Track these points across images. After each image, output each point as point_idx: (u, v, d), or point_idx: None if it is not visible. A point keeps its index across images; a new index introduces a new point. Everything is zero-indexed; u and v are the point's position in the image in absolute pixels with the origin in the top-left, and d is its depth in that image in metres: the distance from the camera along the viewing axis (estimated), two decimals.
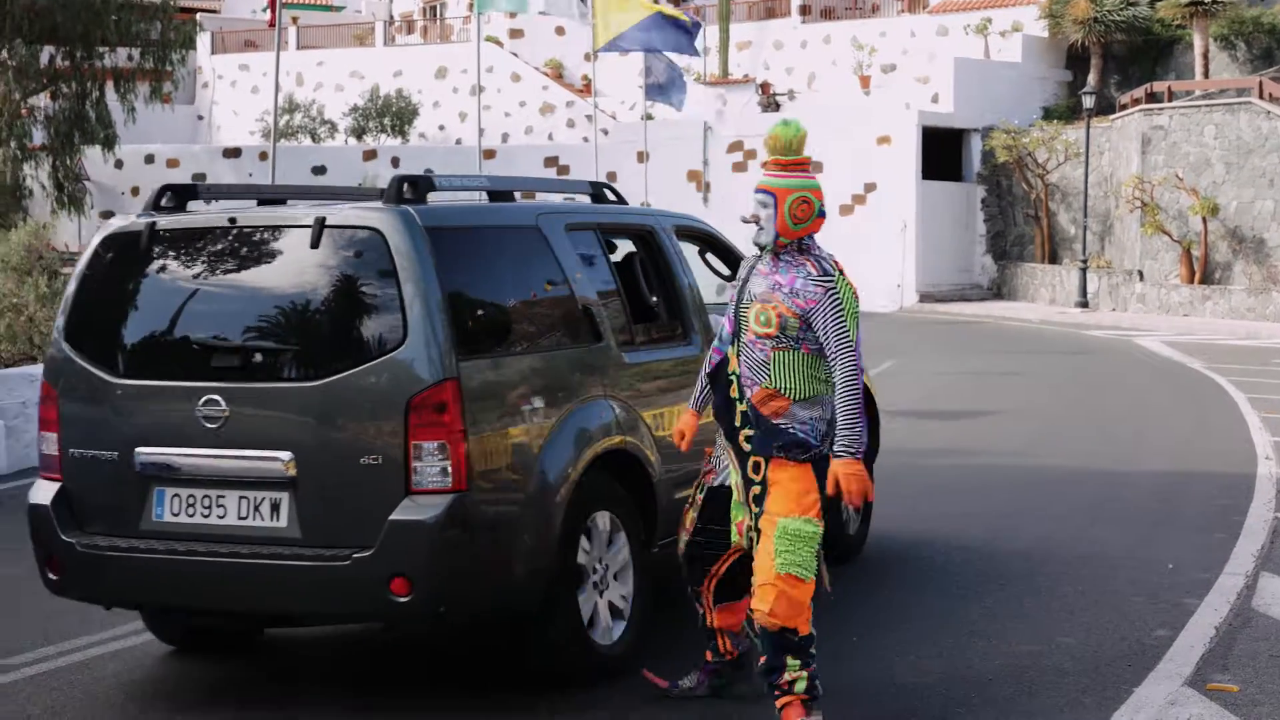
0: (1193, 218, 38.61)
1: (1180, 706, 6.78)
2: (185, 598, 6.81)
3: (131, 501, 6.85)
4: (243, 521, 6.67)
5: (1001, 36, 48.97)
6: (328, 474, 6.53)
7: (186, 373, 6.81)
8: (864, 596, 9.00)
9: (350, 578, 6.40)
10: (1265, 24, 46.27)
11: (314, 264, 6.70)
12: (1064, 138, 43.99)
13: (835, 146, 45.72)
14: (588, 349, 7.48)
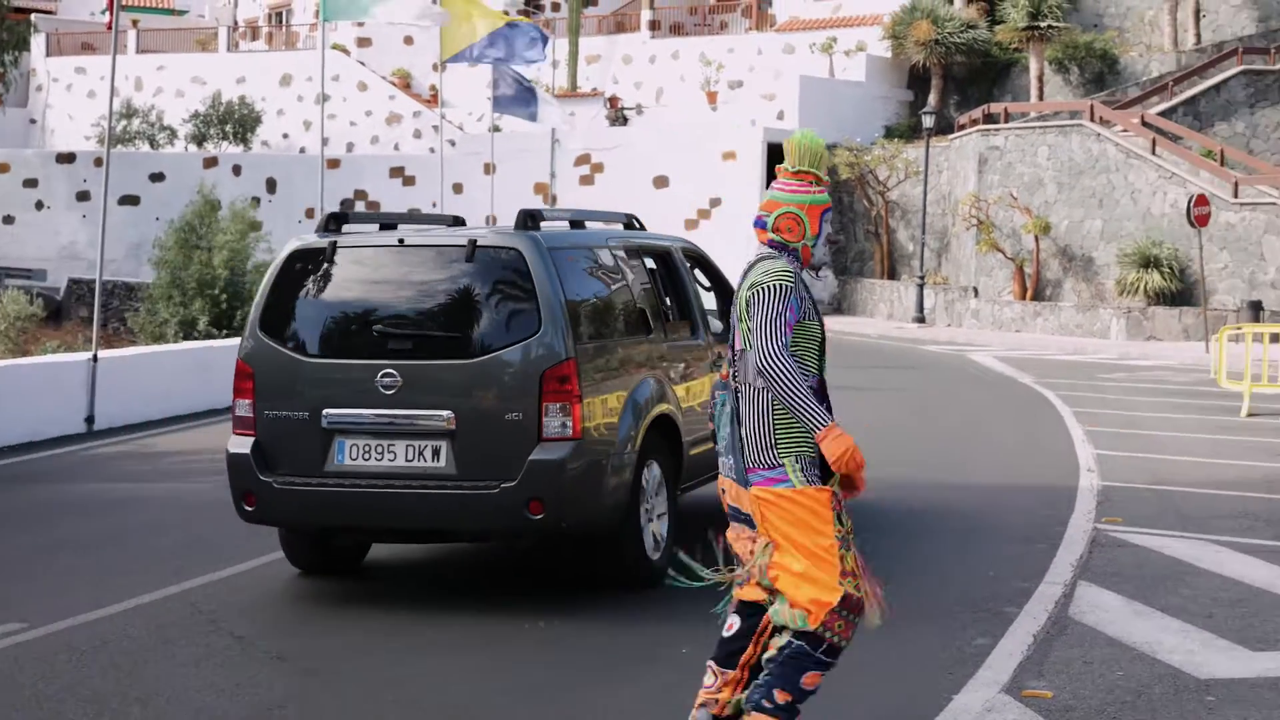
0: (1026, 236, 39.50)
1: (996, 713, 6.98)
2: (361, 520, 9.10)
3: (317, 450, 9.01)
4: (409, 463, 8.86)
5: (846, 56, 49.70)
6: (479, 427, 8.76)
7: (367, 353, 9.01)
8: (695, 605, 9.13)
9: (498, 502, 8.67)
10: (1097, 49, 47.51)
11: (467, 273, 9.00)
12: (904, 156, 44.77)
13: (682, 161, 46.11)
14: (644, 338, 9.90)
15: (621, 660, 8.06)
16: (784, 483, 5.94)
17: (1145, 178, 37.76)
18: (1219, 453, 16.11)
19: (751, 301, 6.01)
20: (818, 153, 6.26)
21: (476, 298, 9.01)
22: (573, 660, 7.99)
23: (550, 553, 10.68)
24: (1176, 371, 27.34)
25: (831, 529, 5.92)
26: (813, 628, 5.89)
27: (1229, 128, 42.29)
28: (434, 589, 9.81)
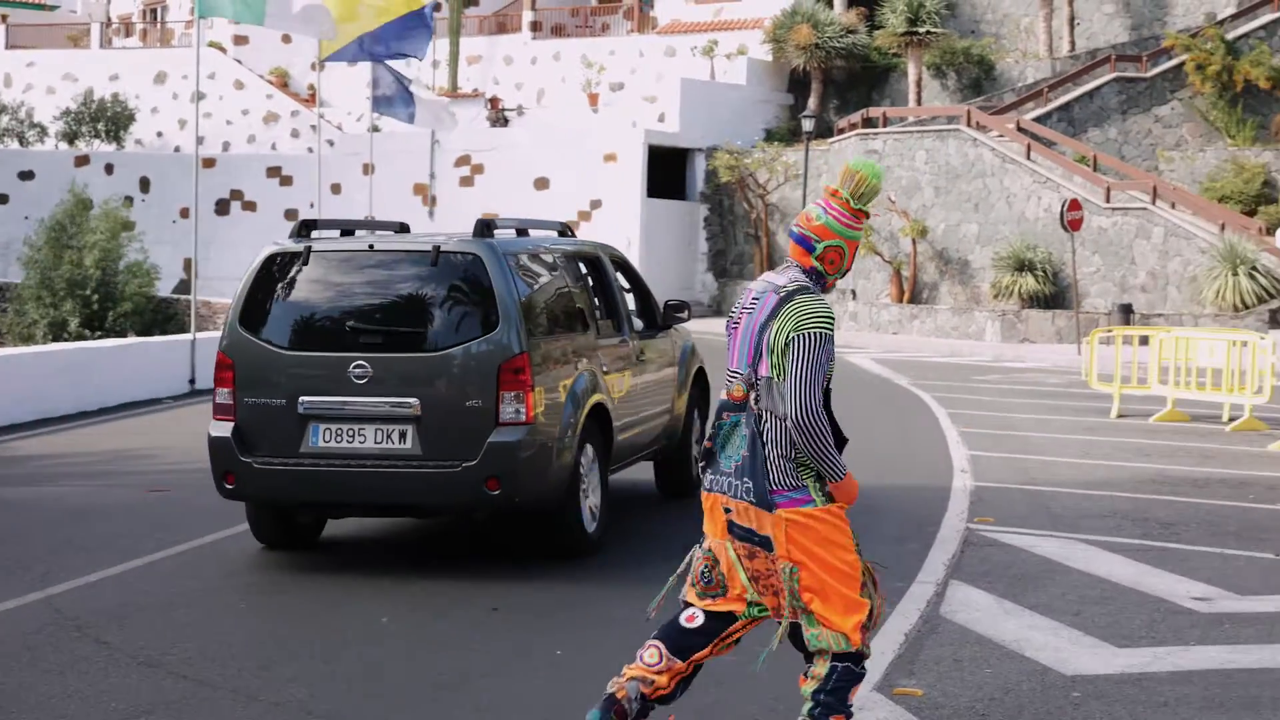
0: (903, 239, 39.93)
1: (868, 711, 7.02)
2: (333, 496, 10.00)
3: (293, 433, 9.88)
4: (378, 445, 9.80)
5: (727, 59, 49.93)
6: (442, 412, 9.72)
7: (340, 346, 9.92)
8: (568, 612, 9.10)
9: (459, 480, 9.65)
10: (974, 55, 48.13)
11: (431, 275, 9.97)
12: (784, 159, 45.08)
13: (563, 163, 46.08)
14: (581, 335, 10.84)
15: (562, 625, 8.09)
16: (809, 503, 5.98)
17: (1020, 182, 38.30)
18: (1089, 453, 16.36)
19: (794, 344, 5.92)
20: (876, 192, 6.18)
21: (440, 297, 10.04)
22: (524, 624, 7.95)
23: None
24: (1049, 373, 27.74)
25: (852, 544, 6.05)
26: (854, 648, 6.04)
27: (1102, 134, 43.04)
28: (315, 587, 9.71)
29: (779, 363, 5.96)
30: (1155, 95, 43.76)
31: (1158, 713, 7.03)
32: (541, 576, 9.94)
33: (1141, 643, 8.30)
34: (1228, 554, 10.83)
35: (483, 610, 9.03)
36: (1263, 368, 19.10)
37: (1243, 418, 19.13)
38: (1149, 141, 43.27)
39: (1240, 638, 8.42)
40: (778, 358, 5.97)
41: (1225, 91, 42.86)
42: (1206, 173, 40.53)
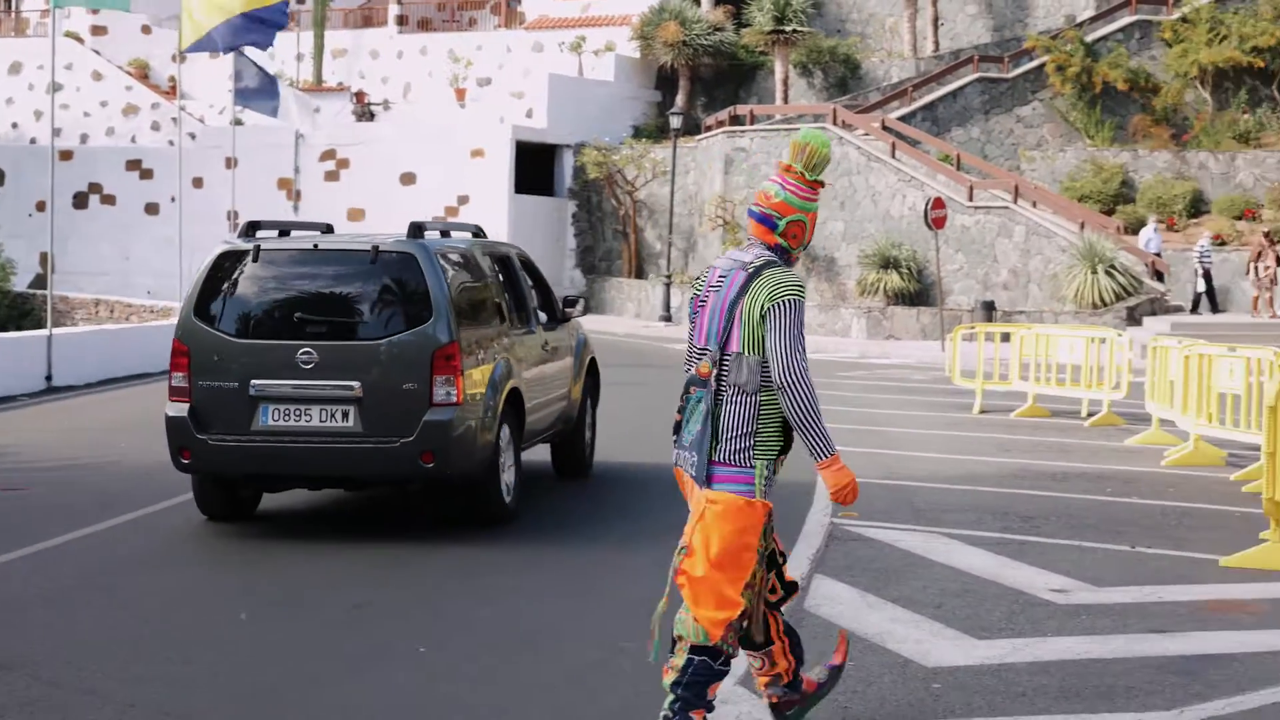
0: None
1: (731, 705, 7.02)
2: (281, 469, 11.01)
3: (244, 413, 10.82)
4: (323, 424, 10.78)
5: (595, 56, 49.91)
6: (381, 394, 10.73)
7: (288, 335, 10.89)
8: (430, 609, 9.03)
9: (397, 454, 10.69)
10: (840, 54, 48.54)
11: (371, 272, 11.02)
12: (652, 156, 45.17)
13: (430, 158, 45.79)
14: (499, 326, 11.87)
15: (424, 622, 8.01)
16: (747, 485, 6.04)
17: (885, 180, 38.70)
18: (952, 448, 16.56)
19: (771, 314, 6.01)
20: (827, 160, 6.25)
21: (378, 292, 11.07)
22: (386, 621, 7.85)
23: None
24: (914, 370, 28.06)
25: (758, 542, 6.08)
26: (713, 643, 6.05)
27: (965, 133, 43.63)
28: (174, 586, 9.54)
29: (753, 334, 6.05)
30: (1017, 96, 44.45)
31: (1016, 703, 7.11)
32: (404, 574, 9.86)
33: (1001, 634, 8.40)
34: (1085, 546, 11.01)
35: (344, 608, 8.93)
36: (1120, 364, 19.45)
37: (1101, 413, 19.47)
38: (1011, 141, 43.95)
39: (1097, 628, 8.55)
40: (752, 329, 6.05)
41: (1085, 93, 43.65)
42: (1067, 172, 41.25)
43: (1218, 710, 7.03)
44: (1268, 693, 7.31)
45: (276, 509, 12.31)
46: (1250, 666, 7.78)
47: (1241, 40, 42.64)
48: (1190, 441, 15.75)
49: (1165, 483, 14.32)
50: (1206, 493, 13.70)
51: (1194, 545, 11.12)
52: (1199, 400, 15.31)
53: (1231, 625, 8.71)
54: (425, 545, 10.88)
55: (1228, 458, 15.68)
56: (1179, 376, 15.90)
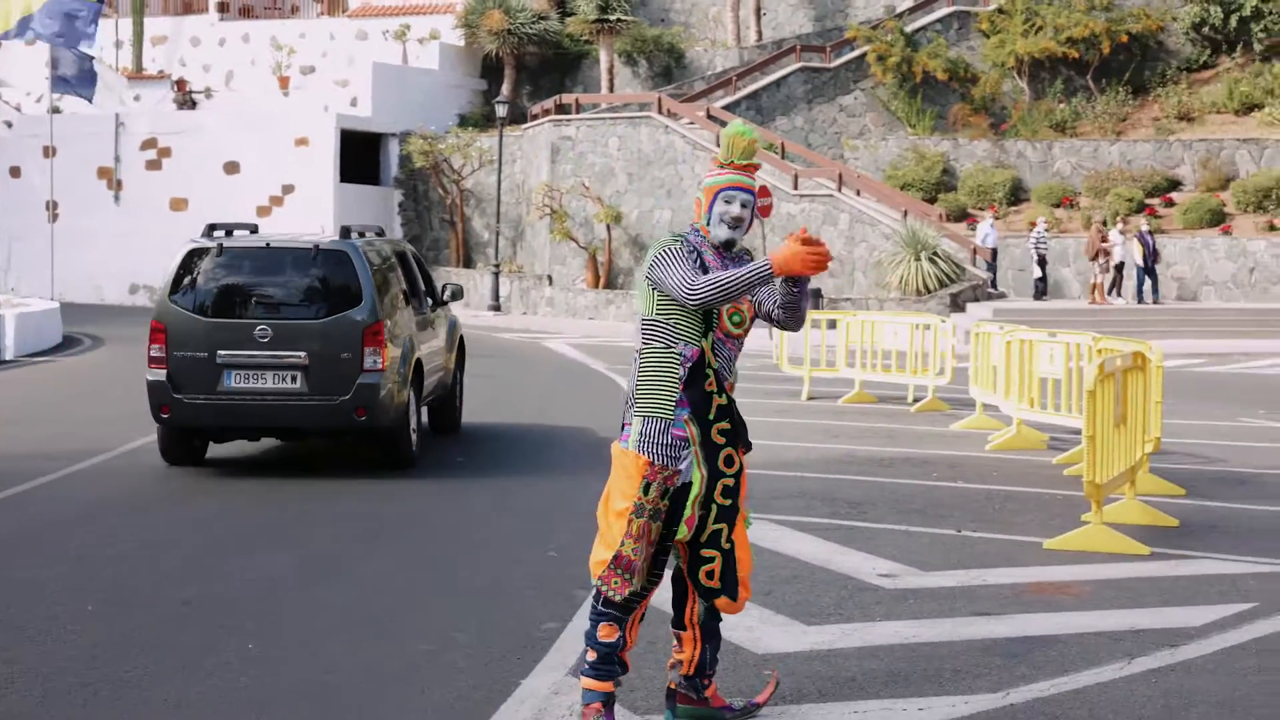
0: (598, 225, 40.22)
1: (563, 695, 7.02)
2: (242, 422, 13.68)
3: (212, 378, 13.41)
4: (276, 386, 13.42)
5: (420, 44, 49.55)
6: (323, 362, 13.38)
7: (248, 315, 13.57)
8: (263, 603, 8.88)
9: (336, 410, 13.39)
10: (665, 43, 48.74)
11: (314, 264, 13.76)
12: (479, 145, 44.96)
13: (254, 147, 45.12)
14: (405, 309, 14.51)
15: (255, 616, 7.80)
16: (625, 441, 6.44)
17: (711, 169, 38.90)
18: (780, 435, 16.70)
19: (652, 270, 6.45)
20: (742, 145, 6.66)
21: (319, 280, 13.74)
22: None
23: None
24: (744, 356, 28.21)
25: (635, 494, 6.35)
26: (594, 582, 6.46)
27: (789, 122, 44.07)
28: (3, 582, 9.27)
29: (644, 295, 6.49)
30: (840, 85, 45.01)
31: (845, 688, 7.18)
32: (235, 568, 9.68)
33: (830, 620, 8.48)
34: (913, 531, 11.17)
35: (174, 604, 8.75)
36: (944, 350, 19.78)
37: (926, 399, 19.79)
38: (834, 130, 44.51)
39: (924, 612, 8.68)
40: (643, 291, 6.50)
41: (905, 82, 44.36)
42: (889, 161, 41.87)
43: (1042, 691, 7.16)
44: (1091, 673, 7.47)
45: (91, 510, 12.04)
46: (1073, 647, 7.94)
47: (1056, 31, 43.64)
48: (1013, 426, 16.07)
49: (989, 467, 14.59)
50: (1029, 476, 13.98)
51: (1018, 529, 11.34)
52: (1021, 385, 15.62)
53: (1055, 607, 8.88)
54: (272, 540, 10.71)
55: (1049, 441, 16.03)
56: (1001, 362, 16.21)
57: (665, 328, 6.43)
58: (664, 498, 6.39)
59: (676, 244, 6.45)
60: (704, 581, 6.52)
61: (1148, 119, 42.85)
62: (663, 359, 6.41)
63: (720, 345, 6.50)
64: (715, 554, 6.50)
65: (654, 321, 6.44)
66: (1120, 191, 38.86)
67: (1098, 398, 10.45)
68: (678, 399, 6.41)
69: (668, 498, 6.40)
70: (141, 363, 13.74)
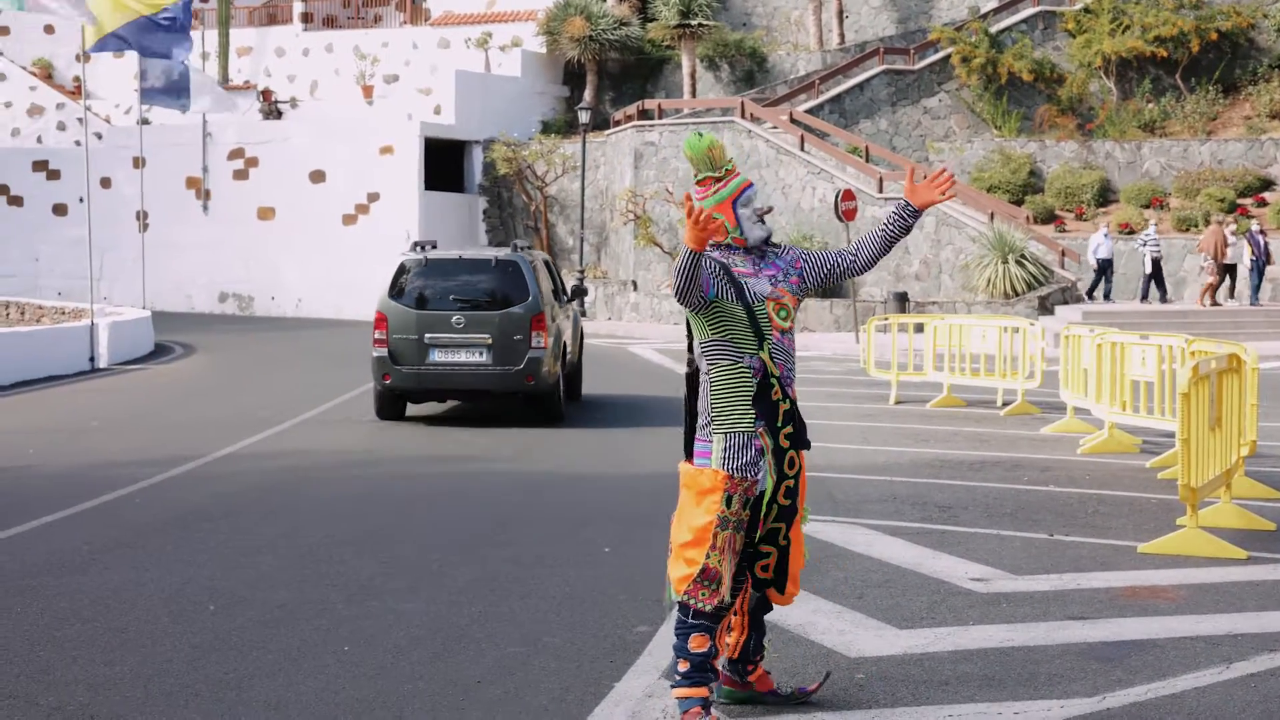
0: (682, 230, 40.12)
1: (656, 698, 7.03)
2: (444, 386, 18.09)
3: (420, 354, 17.83)
4: (468, 359, 17.80)
5: (502, 51, 49.76)
6: (503, 342, 17.73)
7: (446, 307, 17.91)
8: (348, 606, 8.96)
9: (512, 376, 17.76)
10: (747, 48, 48.68)
11: (494, 271, 18.26)
12: (562, 151, 45.09)
13: (338, 156, 45.49)
14: (554, 303, 18.95)
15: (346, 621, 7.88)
16: (704, 459, 6.66)
17: (795, 173, 38.85)
18: (869, 439, 16.64)
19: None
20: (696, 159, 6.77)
21: (498, 282, 18.31)
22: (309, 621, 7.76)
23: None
24: (830, 361, 28.18)
25: (718, 508, 6.56)
26: (679, 597, 6.62)
27: (873, 125, 43.89)
28: (94, 587, 9.39)
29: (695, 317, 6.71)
30: (923, 87, 44.77)
31: (939, 691, 7.15)
32: (328, 573, 9.77)
33: (922, 624, 8.44)
34: (1004, 535, 11.09)
35: (270, 607, 8.84)
36: (1033, 353, 19.63)
37: (1016, 402, 19.65)
38: (918, 133, 44.27)
39: (1016, 616, 8.62)
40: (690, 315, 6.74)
41: (990, 84, 44.05)
42: (975, 163, 41.59)
43: (1140, 696, 7.10)
44: (1189, 678, 7.39)
45: (187, 515, 12.19)
46: (1170, 652, 7.86)
47: (1144, 30, 43.19)
48: (1105, 429, 15.93)
49: (1081, 470, 14.47)
50: (1122, 480, 13.86)
51: (1111, 532, 11.24)
52: (1112, 388, 15.48)
53: (1150, 611, 8.80)
54: (352, 545, 10.80)
55: (1142, 445, 15.87)
56: (1092, 364, 16.07)
57: (726, 345, 6.66)
58: (745, 508, 6.63)
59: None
60: (759, 574, 6.84)
61: (1239, 118, 42.32)
62: (734, 375, 6.65)
63: (776, 349, 6.69)
64: (772, 550, 6.81)
65: (714, 341, 6.66)
66: (1211, 191, 38.40)
67: (1192, 400, 10.34)
68: (755, 411, 6.63)
69: (748, 508, 6.65)
70: (232, 371, 14.38)
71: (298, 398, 21.36)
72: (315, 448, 16.24)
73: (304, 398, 21.32)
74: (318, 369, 26.96)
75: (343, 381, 23.71)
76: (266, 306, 46.77)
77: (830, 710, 6.89)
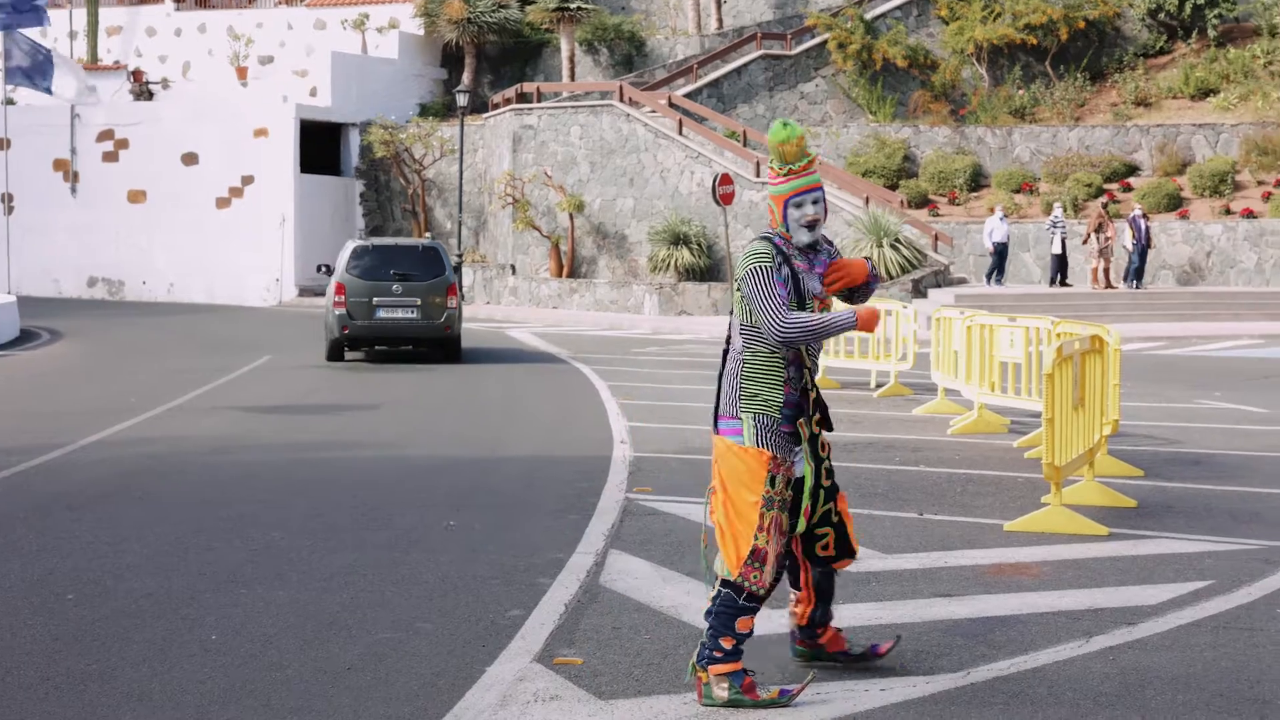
0: (561, 214, 40.19)
1: (528, 682, 7.03)
2: (387, 335, 24.73)
3: (370, 312, 24.32)
4: (404, 315, 24.47)
5: (379, 33, 49.42)
6: (428, 303, 24.59)
7: (389, 279, 24.58)
8: (216, 595, 8.86)
9: (435, 328, 24.68)
10: (626, 31, 48.73)
11: (424, 253, 25.40)
12: (440, 134, 44.88)
13: (212, 138, 44.93)
14: (455, 276, 26.40)
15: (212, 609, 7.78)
16: (737, 436, 6.77)
17: (673, 157, 38.96)
18: None
19: (743, 286, 6.80)
20: (784, 148, 6.85)
21: (424, 261, 24.77)
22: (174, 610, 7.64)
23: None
24: (706, 345, 28.30)
25: (761, 488, 6.71)
26: (734, 577, 6.72)
27: (750, 109, 44.11)
28: None
29: (742, 306, 6.83)
30: (800, 73, 45.07)
31: (808, 670, 7.22)
32: (194, 563, 9.66)
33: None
34: (875, 515, 11.21)
35: (135, 597, 8.72)
36: (906, 335, 19.86)
37: (888, 384, 19.86)
38: (796, 117, 44.55)
39: (885, 595, 8.73)
40: (739, 302, 6.85)
41: (866, 70, 44.47)
42: (850, 147, 41.96)
43: (1003, 670, 7.22)
44: (1050, 651, 7.53)
45: (50, 504, 11.99)
46: (1033, 627, 8.01)
47: (1015, 18, 43.83)
48: (974, 410, 16.15)
49: (951, 450, 14.67)
50: (990, 459, 14.07)
51: (979, 511, 11.42)
52: (982, 369, 15.70)
53: (1015, 588, 8.95)
54: (226, 531, 10.69)
55: (1011, 425, 16.12)
56: (962, 346, 16.29)
57: None
58: (788, 488, 6.83)
59: (766, 260, 6.73)
60: (820, 553, 7.11)
61: (1105, 105, 43.07)
62: (768, 362, 6.81)
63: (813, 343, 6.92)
64: (828, 530, 7.09)
65: (756, 329, 6.79)
66: (1079, 177, 39.06)
67: (1056, 381, 10.52)
68: (783, 400, 6.80)
69: (790, 488, 6.84)
70: (100, 357, 14.23)
71: (168, 384, 21.09)
72: (185, 434, 16.04)
73: (174, 384, 21.06)
74: (189, 355, 26.63)
75: (215, 367, 23.44)
76: (138, 291, 46.10)
77: (693, 690, 6.92)
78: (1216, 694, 6.88)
